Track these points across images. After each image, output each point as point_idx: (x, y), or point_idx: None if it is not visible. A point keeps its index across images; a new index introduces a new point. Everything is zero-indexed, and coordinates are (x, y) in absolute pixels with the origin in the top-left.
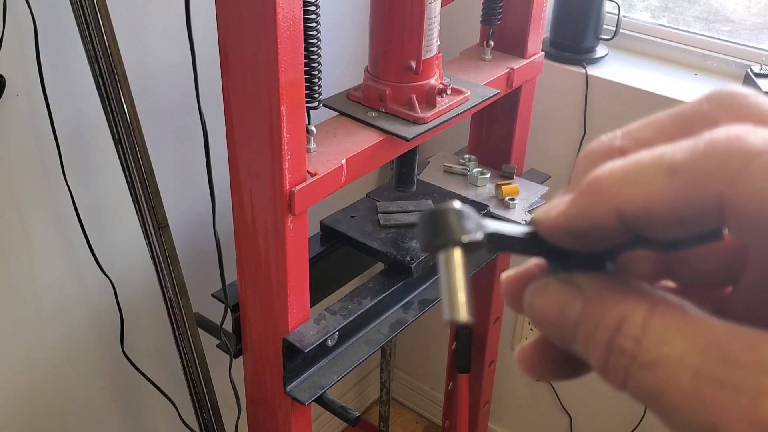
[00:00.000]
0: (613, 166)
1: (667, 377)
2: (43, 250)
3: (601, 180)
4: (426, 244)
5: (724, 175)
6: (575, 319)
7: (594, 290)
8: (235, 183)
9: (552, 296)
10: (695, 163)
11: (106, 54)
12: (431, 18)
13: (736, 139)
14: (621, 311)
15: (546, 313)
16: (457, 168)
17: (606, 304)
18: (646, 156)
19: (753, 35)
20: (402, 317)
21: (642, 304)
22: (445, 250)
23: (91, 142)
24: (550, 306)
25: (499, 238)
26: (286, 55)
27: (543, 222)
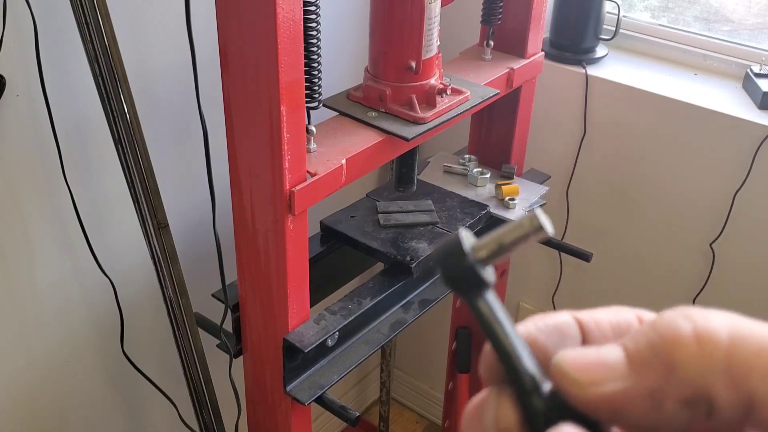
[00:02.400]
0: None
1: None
2: (43, 250)
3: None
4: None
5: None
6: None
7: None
8: (235, 183)
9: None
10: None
11: (106, 54)
12: (431, 18)
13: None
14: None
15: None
16: (457, 168)
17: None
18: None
19: (753, 35)
20: (402, 317)
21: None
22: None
23: (91, 142)
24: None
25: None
26: (286, 55)
27: (587, 392)
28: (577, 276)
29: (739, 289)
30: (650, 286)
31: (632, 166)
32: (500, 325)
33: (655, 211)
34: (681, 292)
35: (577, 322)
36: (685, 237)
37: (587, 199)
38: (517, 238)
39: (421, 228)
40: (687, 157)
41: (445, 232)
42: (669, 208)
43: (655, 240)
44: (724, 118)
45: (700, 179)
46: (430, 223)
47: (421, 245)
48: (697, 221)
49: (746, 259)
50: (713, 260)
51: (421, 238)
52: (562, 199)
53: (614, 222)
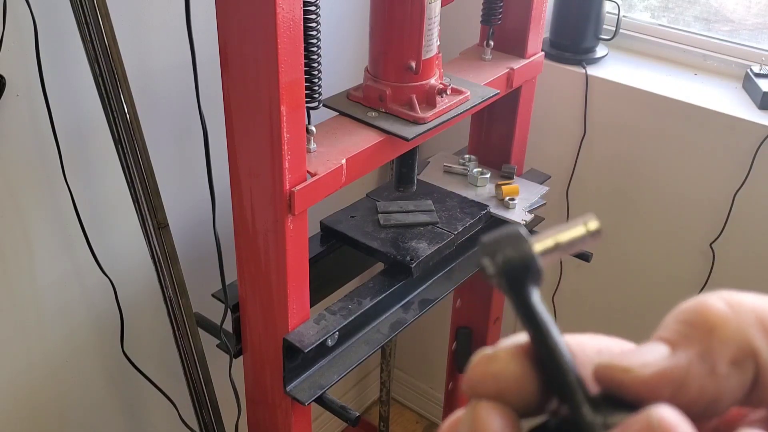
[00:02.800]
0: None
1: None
2: (43, 250)
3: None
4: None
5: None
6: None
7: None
8: (235, 183)
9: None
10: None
11: (106, 54)
12: (431, 18)
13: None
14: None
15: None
16: (457, 168)
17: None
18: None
19: (753, 35)
20: (402, 317)
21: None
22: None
23: (91, 142)
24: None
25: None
26: (286, 55)
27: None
28: (577, 276)
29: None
30: (650, 286)
31: (632, 166)
32: (551, 325)
33: (655, 211)
34: (681, 292)
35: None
36: (685, 237)
37: (587, 199)
38: (573, 238)
39: (421, 228)
40: (687, 157)
41: (445, 232)
42: (669, 208)
43: (655, 240)
44: (724, 118)
45: (700, 179)
46: (430, 223)
47: (421, 245)
48: (697, 221)
49: (746, 260)
50: (713, 260)
51: (421, 238)
52: (562, 199)
53: (614, 222)
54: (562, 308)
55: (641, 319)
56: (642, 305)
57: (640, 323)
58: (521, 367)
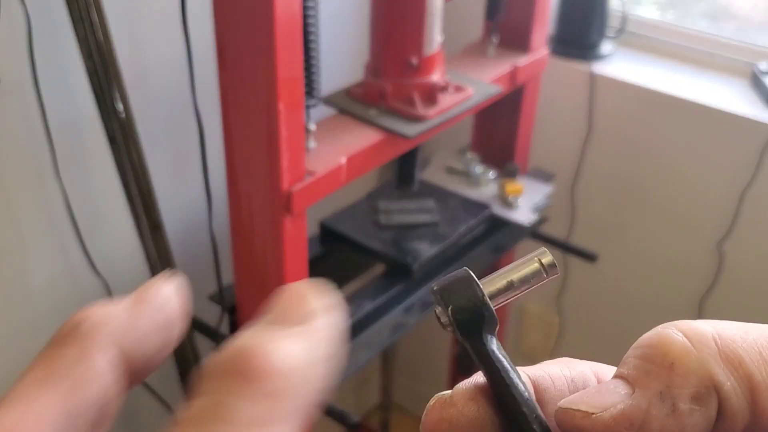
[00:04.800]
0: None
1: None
2: (35, 251)
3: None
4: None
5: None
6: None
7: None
8: (232, 182)
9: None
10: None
11: (101, 50)
12: (433, 13)
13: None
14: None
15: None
16: (459, 167)
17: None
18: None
19: (760, 32)
20: (403, 320)
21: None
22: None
23: (85, 141)
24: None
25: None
26: (284, 51)
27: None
28: (582, 276)
29: (747, 288)
30: (657, 286)
31: (638, 165)
32: (509, 370)
33: (661, 210)
34: (688, 291)
35: (531, 382)
36: (692, 236)
37: (592, 198)
38: (526, 275)
39: (423, 228)
40: (694, 156)
41: (447, 232)
42: (676, 208)
43: (661, 239)
44: (731, 116)
45: (707, 178)
46: (432, 224)
47: (423, 246)
48: (704, 220)
49: (754, 259)
50: (721, 260)
51: (422, 238)
52: (567, 198)
53: (620, 221)
54: (568, 308)
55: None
56: (648, 304)
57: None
58: (478, 410)
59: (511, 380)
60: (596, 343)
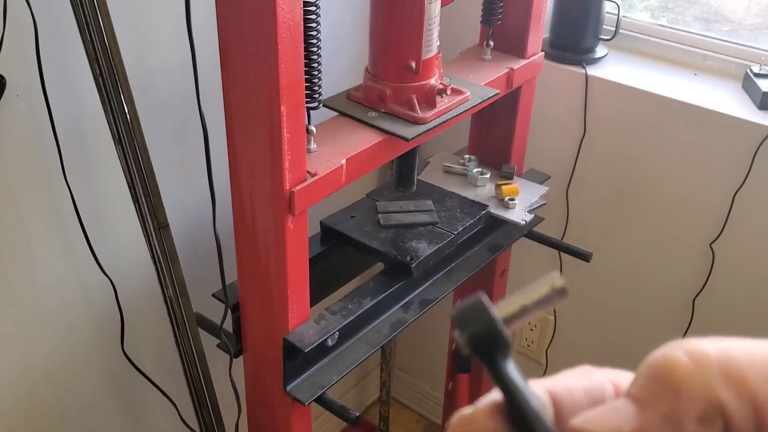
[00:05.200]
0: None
1: None
2: (43, 250)
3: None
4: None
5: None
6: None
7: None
8: (235, 183)
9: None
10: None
11: (107, 54)
12: (431, 18)
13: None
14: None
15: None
16: (457, 168)
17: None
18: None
19: (753, 35)
20: (402, 317)
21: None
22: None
23: (92, 142)
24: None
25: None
26: (286, 56)
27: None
28: (576, 276)
29: (739, 289)
30: (650, 286)
31: (632, 167)
32: (524, 389)
33: (654, 211)
34: (681, 292)
35: (550, 395)
36: (685, 237)
37: (587, 199)
38: (539, 299)
39: (421, 228)
40: (687, 158)
41: (445, 232)
42: (669, 209)
43: (654, 240)
44: (724, 118)
45: (700, 179)
46: (430, 223)
47: (421, 245)
48: (696, 221)
49: (746, 260)
50: (713, 260)
51: (421, 238)
52: (562, 199)
53: (614, 222)
54: (562, 308)
55: (640, 319)
56: (641, 305)
57: (639, 323)
58: (497, 427)
59: (525, 399)
60: (591, 342)
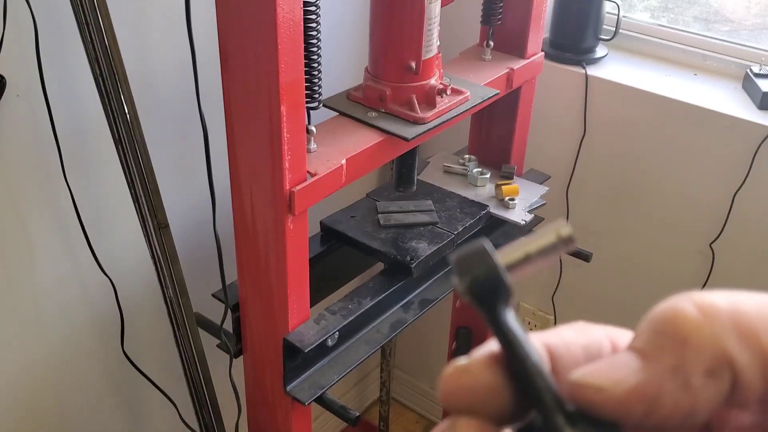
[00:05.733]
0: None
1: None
2: (43, 250)
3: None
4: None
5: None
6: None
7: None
8: (235, 183)
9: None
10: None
11: (107, 54)
12: (431, 18)
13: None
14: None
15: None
16: (457, 168)
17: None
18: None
19: (752, 35)
20: (402, 317)
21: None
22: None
23: (92, 142)
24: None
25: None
26: (286, 56)
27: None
28: (576, 276)
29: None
30: (650, 286)
31: (632, 167)
32: (523, 340)
33: (654, 211)
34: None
35: (547, 349)
36: (685, 237)
37: (587, 199)
38: (544, 247)
39: (421, 228)
40: (687, 158)
41: (445, 232)
42: (669, 209)
43: (654, 240)
44: (724, 118)
45: (700, 179)
46: (430, 223)
47: (421, 245)
48: (696, 221)
49: (746, 260)
50: (713, 260)
51: (421, 238)
52: (562, 199)
53: (614, 222)
54: (561, 307)
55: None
56: (641, 305)
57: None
58: (494, 378)
59: (525, 350)
60: None
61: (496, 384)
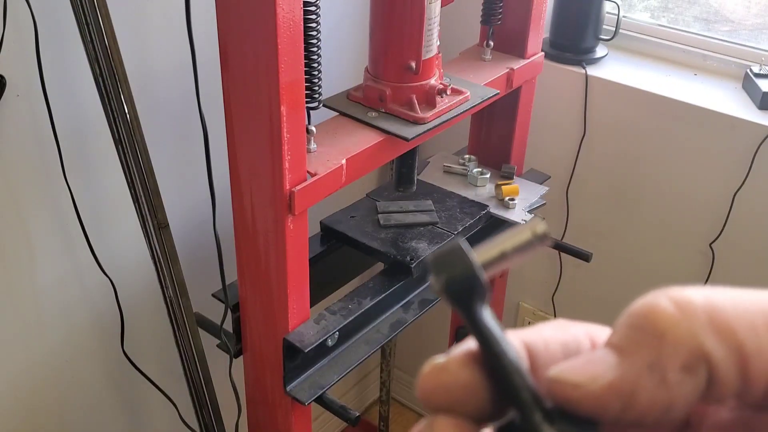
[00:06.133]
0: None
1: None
2: (43, 250)
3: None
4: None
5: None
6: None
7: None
8: (235, 183)
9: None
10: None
11: (107, 54)
12: (431, 18)
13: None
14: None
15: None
16: (457, 168)
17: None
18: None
19: (752, 35)
20: (402, 317)
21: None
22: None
23: (92, 143)
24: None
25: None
26: (286, 56)
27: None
28: (576, 276)
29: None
30: (650, 286)
31: (632, 167)
32: (500, 338)
33: (654, 211)
34: None
35: (525, 346)
36: (685, 237)
37: (587, 199)
38: (519, 244)
39: (421, 228)
40: (687, 158)
41: (445, 232)
42: (669, 209)
43: (654, 240)
44: (724, 118)
45: (700, 179)
46: (430, 223)
47: (421, 245)
48: (696, 221)
49: (746, 260)
50: (713, 260)
51: (421, 238)
52: (562, 199)
53: (614, 222)
54: (561, 308)
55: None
56: None
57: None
58: (472, 376)
59: (502, 348)
60: None
61: (473, 382)
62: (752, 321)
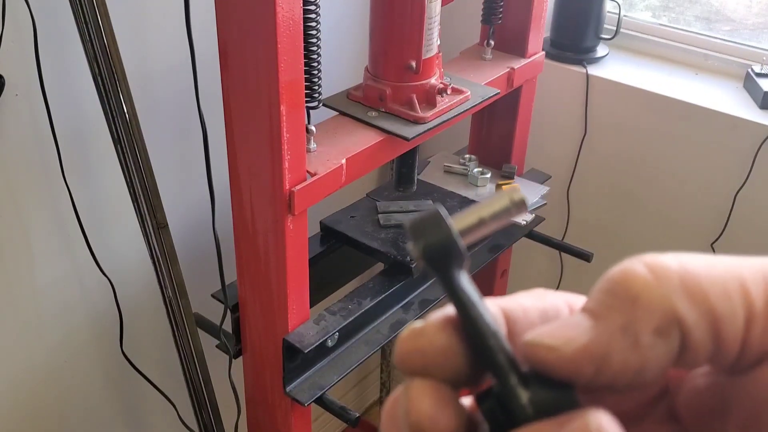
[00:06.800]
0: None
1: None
2: (42, 250)
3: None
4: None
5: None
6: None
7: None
8: (235, 183)
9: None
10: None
11: (106, 54)
12: (431, 17)
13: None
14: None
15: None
16: (457, 168)
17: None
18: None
19: (754, 35)
20: (402, 317)
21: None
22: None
23: (91, 142)
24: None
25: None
26: (285, 55)
27: (562, 353)
28: (577, 276)
29: None
30: None
31: (633, 166)
32: (477, 303)
33: (655, 211)
34: None
35: (503, 313)
36: (686, 237)
37: (588, 199)
38: (497, 211)
39: None
40: (688, 157)
41: None
42: (670, 208)
43: (655, 240)
44: (725, 117)
45: (701, 179)
46: None
47: None
48: (698, 221)
49: None
50: None
51: None
52: (563, 199)
53: (615, 222)
54: None
55: None
56: None
57: None
58: (448, 340)
59: (478, 312)
60: None
61: (450, 346)
62: (725, 286)
